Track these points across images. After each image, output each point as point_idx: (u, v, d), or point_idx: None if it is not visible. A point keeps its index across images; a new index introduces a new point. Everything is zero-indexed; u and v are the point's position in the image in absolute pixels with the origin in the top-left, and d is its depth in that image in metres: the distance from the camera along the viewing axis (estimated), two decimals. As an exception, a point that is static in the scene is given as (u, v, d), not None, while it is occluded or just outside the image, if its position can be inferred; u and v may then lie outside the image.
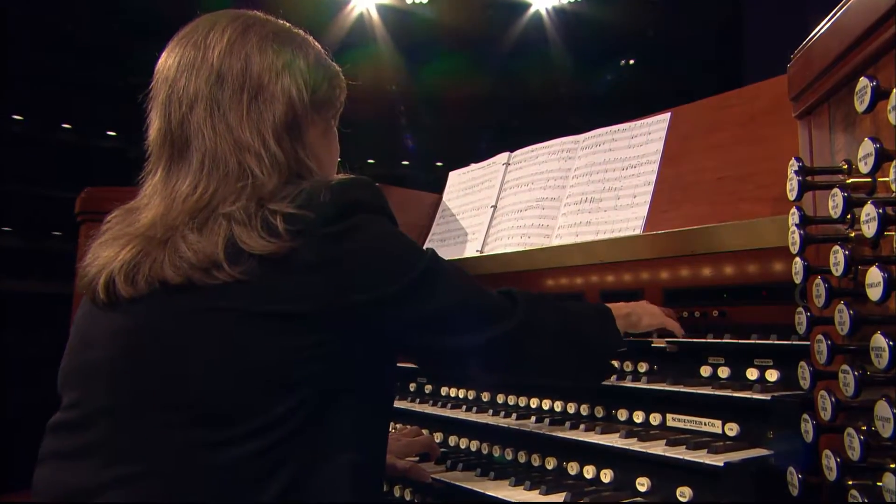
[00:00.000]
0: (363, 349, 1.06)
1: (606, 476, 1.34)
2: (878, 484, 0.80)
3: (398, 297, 1.05)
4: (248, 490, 0.96)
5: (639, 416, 1.46)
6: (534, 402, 1.69)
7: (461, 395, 1.92)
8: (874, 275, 0.81)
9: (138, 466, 0.96)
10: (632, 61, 9.81)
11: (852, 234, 0.92)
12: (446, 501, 1.52)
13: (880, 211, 0.81)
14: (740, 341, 1.42)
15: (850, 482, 0.86)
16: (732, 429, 1.29)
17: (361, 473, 1.07)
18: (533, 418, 1.60)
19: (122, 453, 0.98)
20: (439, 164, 9.89)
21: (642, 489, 1.28)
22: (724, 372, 1.42)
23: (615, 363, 1.61)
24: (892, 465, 0.80)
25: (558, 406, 1.63)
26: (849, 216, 0.91)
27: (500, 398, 1.79)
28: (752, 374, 1.37)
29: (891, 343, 0.78)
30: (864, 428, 0.85)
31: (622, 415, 1.49)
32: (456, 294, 1.13)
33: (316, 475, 1.00)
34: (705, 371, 1.46)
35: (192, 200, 1.05)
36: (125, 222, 1.10)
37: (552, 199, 2.06)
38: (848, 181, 0.92)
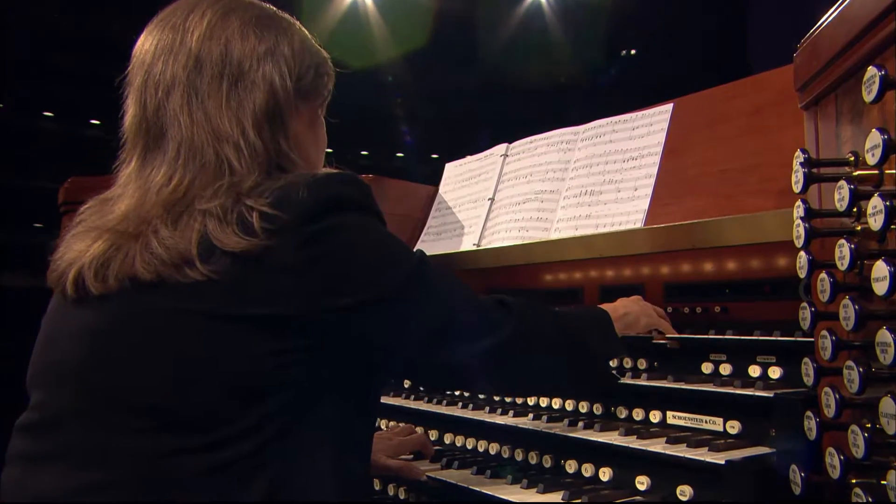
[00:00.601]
0: (345, 354, 1.04)
1: (605, 474, 1.35)
2: (883, 482, 0.81)
3: (381, 303, 1.02)
4: (224, 498, 0.94)
5: (638, 414, 1.46)
6: (531, 400, 1.70)
7: (457, 392, 1.92)
8: (880, 269, 0.81)
9: (105, 474, 0.94)
10: (633, 51, 9.81)
11: (858, 228, 0.92)
12: (442, 500, 1.53)
13: (887, 203, 0.81)
14: (742, 338, 1.43)
15: (854, 480, 0.87)
16: (734, 426, 1.30)
17: (346, 477, 1.06)
18: (530, 415, 1.60)
19: (89, 459, 0.96)
20: (435, 156, 9.87)
21: (642, 488, 1.29)
22: (725, 369, 1.43)
23: (614, 360, 1.61)
24: (897, 463, 0.81)
25: (556, 403, 1.64)
26: (855, 209, 0.91)
27: (497, 396, 1.79)
28: (754, 370, 1.38)
29: (897, 338, 0.78)
30: (869, 425, 0.85)
31: (621, 412, 1.49)
32: (445, 300, 1.09)
33: (298, 480, 0.99)
34: (707, 368, 1.46)
35: (167, 192, 1.02)
36: (98, 214, 1.08)
37: (551, 191, 2.06)
38: (854, 173, 0.92)
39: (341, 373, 1.05)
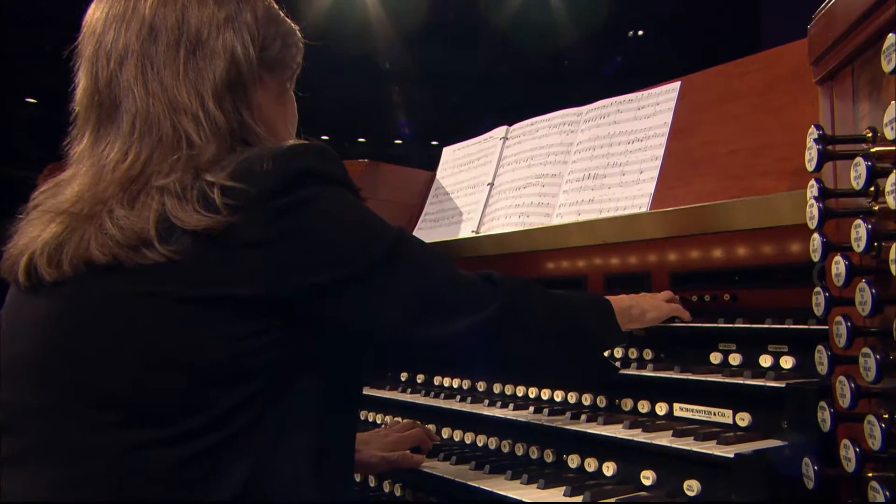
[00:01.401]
0: (321, 336, 1.02)
1: (609, 469, 1.34)
2: (900, 475, 0.79)
3: (356, 280, 1.00)
4: (198, 491, 0.92)
5: (644, 406, 1.45)
6: (532, 392, 1.68)
7: (455, 385, 1.91)
8: (899, 250, 0.79)
9: (76, 471, 0.93)
10: (640, 32, 9.75)
11: (876, 208, 0.90)
12: (439, 497, 1.52)
13: (907, 181, 0.79)
14: (753, 326, 1.41)
15: (871, 474, 0.85)
16: (744, 419, 1.28)
17: (326, 466, 1.05)
18: (531, 408, 1.59)
19: (58, 456, 0.94)
20: (434, 142, 9.84)
21: (647, 483, 1.28)
22: (735, 359, 1.42)
23: (618, 351, 1.60)
24: (916, 455, 0.79)
25: (558, 396, 1.63)
26: (872, 188, 0.89)
27: (497, 388, 1.78)
28: (765, 360, 1.37)
29: (916, 323, 0.76)
30: (886, 416, 0.84)
31: (626, 404, 1.48)
32: (426, 276, 1.07)
33: (275, 470, 0.97)
34: (715, 358, 1.45)
35: (123, 169, 0.99)
36: (52, 197, 1.05)
37: (553, 175, 2.04)
38: (872, 150, 0.90)
39: (318, 357, 1.03)
